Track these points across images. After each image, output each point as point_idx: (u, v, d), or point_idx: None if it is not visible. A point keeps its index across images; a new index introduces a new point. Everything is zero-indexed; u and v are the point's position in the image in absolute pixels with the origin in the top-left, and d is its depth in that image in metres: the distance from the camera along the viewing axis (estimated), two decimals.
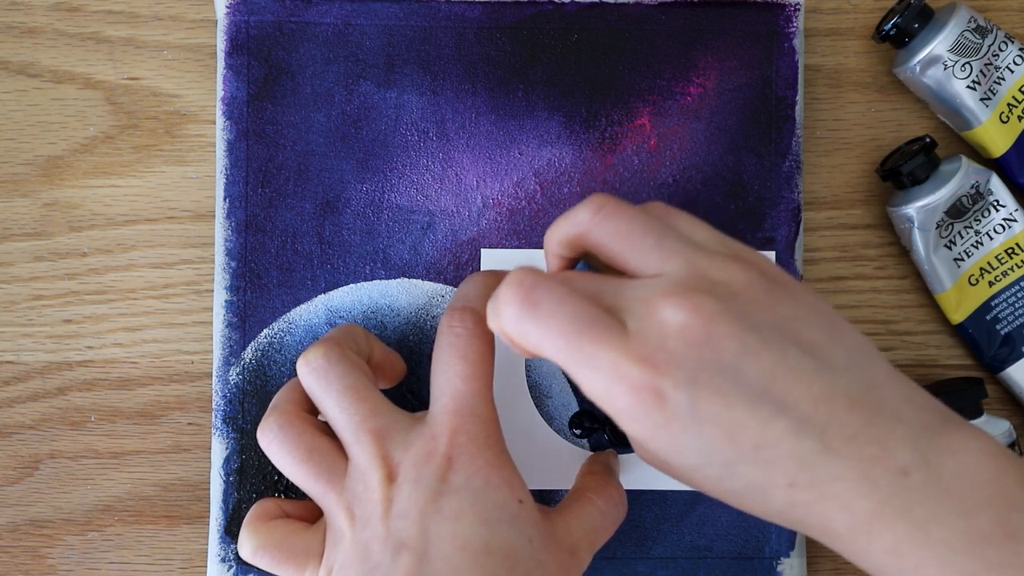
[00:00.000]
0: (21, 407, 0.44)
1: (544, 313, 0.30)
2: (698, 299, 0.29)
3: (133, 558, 0.44)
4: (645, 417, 0.29)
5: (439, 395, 0.36)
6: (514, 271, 0.31)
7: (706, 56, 0.43)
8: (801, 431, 0.29)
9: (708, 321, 0.29)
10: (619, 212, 0.32)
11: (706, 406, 0.29)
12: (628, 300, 0.30)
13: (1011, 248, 0.43)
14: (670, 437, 0.29)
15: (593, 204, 0.32)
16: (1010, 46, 0.42)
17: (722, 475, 0.30)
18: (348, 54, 0.43)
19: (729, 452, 0.29)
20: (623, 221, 0.32)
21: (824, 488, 0.29)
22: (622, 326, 0.30)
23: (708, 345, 0.29)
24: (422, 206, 0.43)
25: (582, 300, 0.30)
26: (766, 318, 0.30)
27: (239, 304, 0.43)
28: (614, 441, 0.43)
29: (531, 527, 0.34)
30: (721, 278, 0.30)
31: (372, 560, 0.33)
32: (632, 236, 0.31)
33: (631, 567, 0.43)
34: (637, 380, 0.29)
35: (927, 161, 0.43)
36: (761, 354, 0.29)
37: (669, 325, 0.29)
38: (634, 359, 0.29)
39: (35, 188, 0.45)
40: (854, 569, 0.45)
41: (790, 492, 0.29)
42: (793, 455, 0.29)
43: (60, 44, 0.45)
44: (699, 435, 0.29)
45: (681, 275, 0.30)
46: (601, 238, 0.32)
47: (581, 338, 0.29)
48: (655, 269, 0.31)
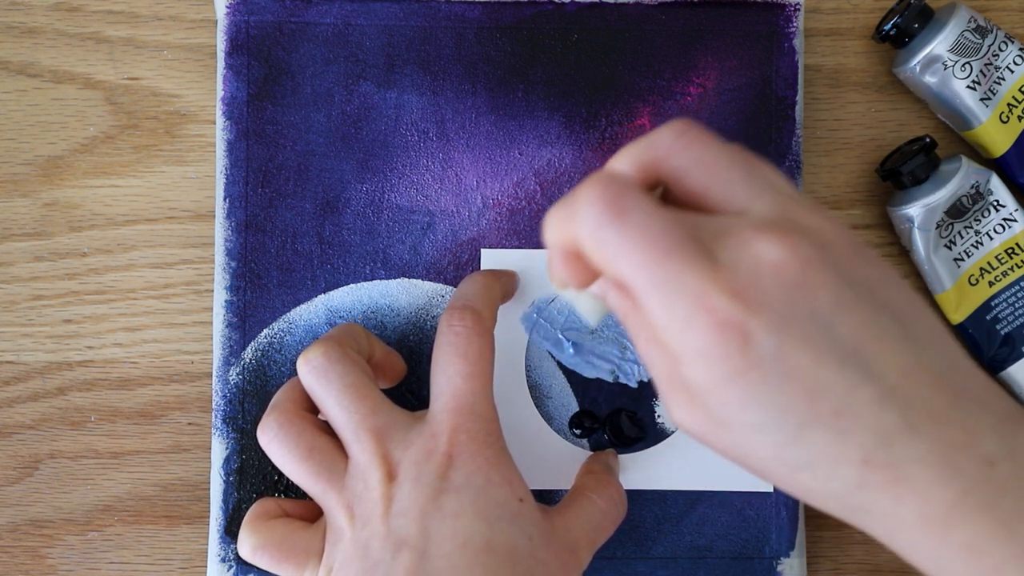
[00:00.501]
0: (21, 407, 0.44)
1: (631, 222, 0.27)
2: (796, 240, 0.27)
3: (133, 558, 0.44)
4: (723, 359, 0.26)
5: (439, 393, 0.36)
6: (597, 173, 0.28)
7: (706, 56, 0.43)
8: (886, 402, 0.26)
9: (805, 265, 0.26)
10: (704, 138, 0.29)
11: (794, 357, 0.26)
12: (716, 231, 0.27)
13: (1011, 248, 0.43)
14: (745, 387, 0.26)
15: (676, 127, 0.29)
16: (1010, 46, 0.42)
17: (788, 441, 0.27)
18: (348, 54, 0.43)
19: (805, 414, 0.26)
20: (710, 148, 0.29)
21: (901, 469, 0.26)
22: (709, 255, 0.27)
23: (803, 290, 0.26)
24: (422, 206, 0.43)
25: (672, 218, 0.27)
26: (858, 275, 0.27)
27: (239, 304, 0.43)
28: (614, 441, 0.43)
29: (531, 525, 0.34)
30: (812, 225, 0.28)
31: (372, 558, 0.33)
32: (719, 165, 0.29)
33: (631, 567, 0.43)
34: (725, 314, 0.26)
35: (927, 161, 0.43)
36: (854, 311, 0.26)
37: (764, 262, 0.26)
38: (724, 290, 0.26)
39: (35, 188, 0.45)
40: (854, 570, 0.45)
41: (861, 470, 0.26)
42: (874, 428, 0.26)
43: (60, 44, 0.45)
44: (778, 389, 0.26)
45: (772, 214, 0.28)
46: (683, 164, 0.29)
47: (669, 256, 0.26)
48: (740, 205, 0.28)
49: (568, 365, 0.43)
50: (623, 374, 0.43)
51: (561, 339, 0.43)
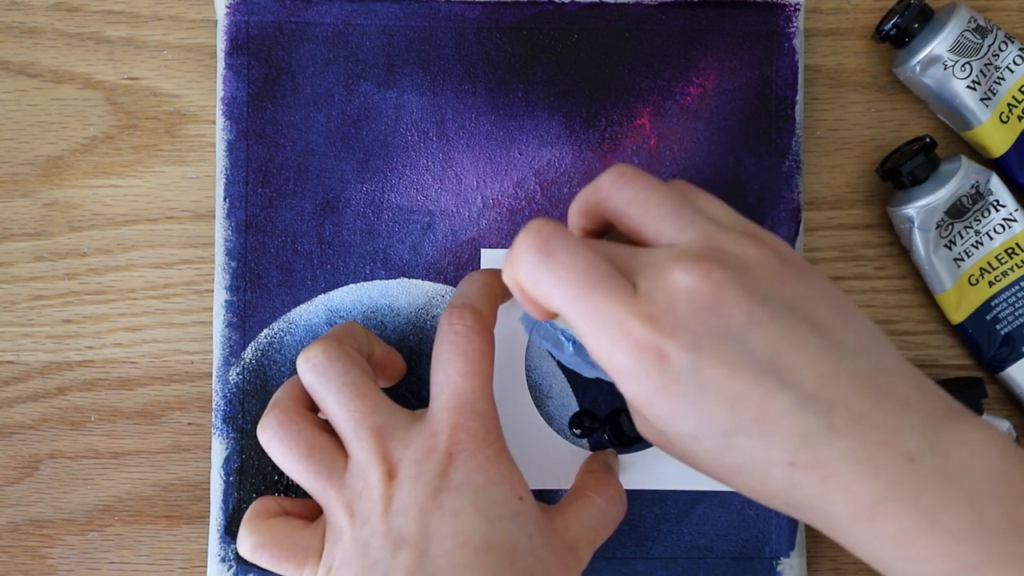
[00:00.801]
0: (21, 407, 0.44)
1: (558, 263, 0.30)
2: (709, 266, 0.29)
3: (133, 558, 0.44)
4: (646, 378, 0.29)
5: (439, 392, 0.36)
6: (533, 221, 0.31)
7: (706, 56, 0.43)
8: (804, 407, 0.28)
9: (717, 288, 0.29)
10: (638, 179, 0.32)
11: (708, 372, 0.28)
12: (641, 264, 0.30)
13: (1011, 248, 0.43)
14: (670, 401, 0.29)
15: (614, 171, 0.33)
16: (1010, 46, 0.42)
17: (720, 447, 0.29)
18: (348, 54, 0.43)
19: (729, 422, 0.29)
20: (641, 188, 0.32)
21: (826, 469, 0.28)
22: (632, 286, 0.30)
23: (715, 311, 0.29)
24: (422, 206, 0.43)
25: (596, 256, 0.30)
26: (776, 294, 0.30)
27: (239, 304, 0.43)
28: (614, 441, 0.43)
29: (531, 524, 0.34)
30: (734, 251, 0.30)
31: (372, 557, 0.33)
32: (649, 203, 0.32)
33: (631, 567, 0.42)
34: (641, 338, 0.29)
35: (927, 161, 0.43)
36: (768, 326, 0.29)
37: (678, 288, 0.29)
38: (640, 317, 0.29)
39: (35, 188, 0.45)
40: (854, 569, 0.45)
41: (790, 471, 0.29)
42: (795, 431, 0.28)
43: (60, 44, 0.45)
44: (699, 402, 0.29)
45: (695, 245, 0.30)
46: (619, 204, 0.32)
47: (591, 291, 0.29)
48: (669, 238, 0.31)
49: (568, 365, 0.43)
50: None
51: (561, 339, 0.43)
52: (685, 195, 0.32)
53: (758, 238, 0.31)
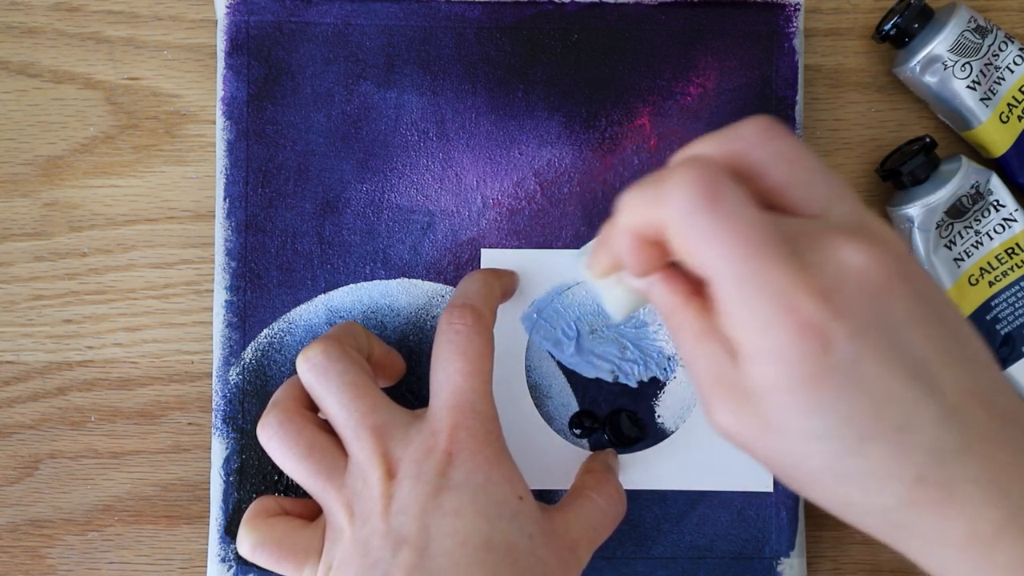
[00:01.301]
0: (21, 407, 0.44)
1: (725, 211, 0.26)
2: (880, 248, 0.26)
3: (133, 558, 0.44)
4: (799, 362, 0.26)
5: (439, 391, 0.36)
6: (687, 159, 0.27)
7: (706, 56, 0.43)
8: (947, 422, 0.26)
9: (888, 274, 0.26)
10: (791, 136, 0.29)
11: (868, 366, 0.26)
12: (802, 233, 0.27)
13: (1011, 248, 0.43)
14: (815, 393, 0.26)
15: (761, 122, 0.29)
16: (1010, 46, 0.42)
17: (846, 452, 0.26)
18: (348, 54, 0.43)
19: (869, 426, 0.26)
20: (794, 146, 0.29)
21: (953, 489, 0.26)
22: (799, 255, 0.26)
23: (883, 299, 0.26)
24: (422, 206, 0.43)
25: (764, 213, 0.27)
26: (926, 291, 0.27)
27: (239, 304, 0.43)
28: (614, 441, 0.43)
29: (531, 523, 0.34)
30: (887, 236, 0.28)
31: (372, 556, 0.33)
32: (802, 164, 0.28)
33: (631, 567, 0.42)
34: (809, 315, 0.25)
35: (927, 161, 0.43)
36: (925, 326, 0.26)
37: (850, 267, 0.26)
38: (811, 291, 0.26)
39: (35, 188, 0.45)
40: (854, 570, 0.45)
41: (913, 488, 0.26)
42: (932, 446, 0.26)
43: (60, 44, 0.45)
44: (848, 398, 0.26)
45: (851, 221, 0.28)
46: (765, 158, 0.28)
47: (759, 251, 0.26)
48: (819, 207, 0.28)
49: (568, 365, 0.43)
50: (623, 374, 0.43)
51: (561, 339, 0.43)
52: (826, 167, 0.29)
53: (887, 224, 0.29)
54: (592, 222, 0.43)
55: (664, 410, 0.43)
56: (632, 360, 0.43)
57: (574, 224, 0.43)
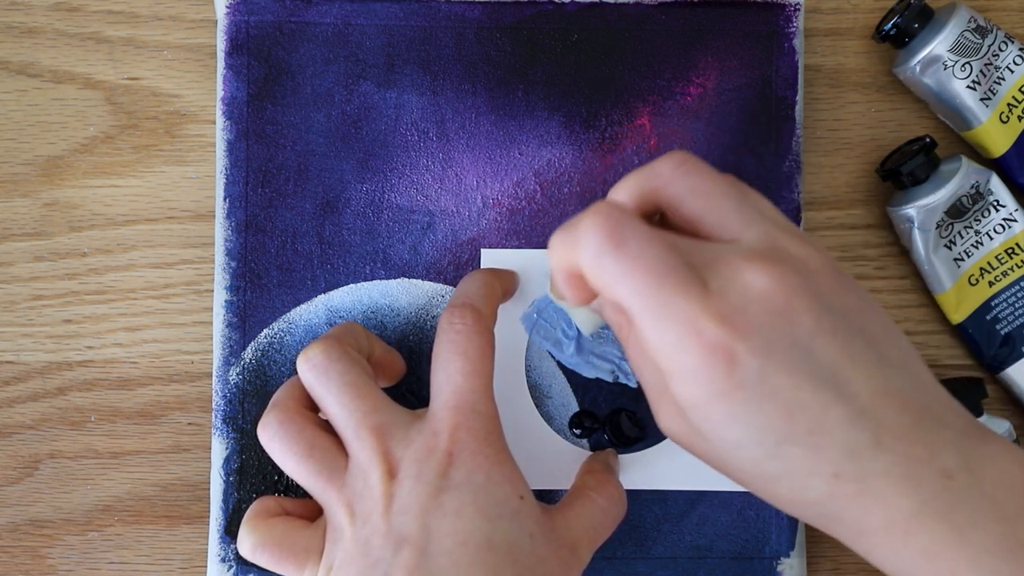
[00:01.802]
0: (21, 407, 0.44)
1: (629, 252, 0.29)
2: (782, 268, 0.29)
3: (133, 558, 0.44)
4: (710, 379, 0.28)
5: (439, 391, 0.36)
6: (597, 204, 0.30)
7: (706, 56, 0.43)
8: (857, 422, 0.28)
9: (790, 292, 0.29)
10: (701, 168, 0.31)
11: (774, 379, 0.28)
12: (708, 259, 0.29)
13: (1011, 248, 0.43)
14: (728, 405, 0.28)
15: (675, 158, 0.32)
16: (1010, 46, 0.42)
17: (766, 456, 0.29)
18: (348, 54, 0.43)
19: (783, 431, 0.28)
20: (706, 179, 0.31)
21: (868, 483, 0.29)
22: (702, 281, 0.29)
23: (787, 316, 0.28)
24: (422, 206, 0.43)
25: (668, 247, 0.29)
26: (836, 303, 0.29)
27: (239, 304, 0.43)
28: (614, 441, 0.43)
29: (532, 523, 0.34)
30: (798, 254, 0.30)
31: (373, 556, 0.33)
32: (713, 195, 0.31)
33: (631, 567, 0.42)
34: (713, 338, 0.28)
35: (927, 161, 0.43)
36: (832, 337, 0.29)
37: (752, 289, 0.28)
38: (713, 316, 0.28)
39: (35, 188, 0.45)
40: (854, 569, 0.45)
41: (832, 483, 0.29)
42: (845, 444, 0.28)
43: (60, 44, 0.45)
44: (758, 408, 0.28)
45: (760, 244, 0.30)
46: (680, 193, 0.31)
47: (662, 285, 0.28)
48: (732, 234, 0.30)
49: (568, 365, 0.43)
50: (623, 374, 0.43)
51: (561, 339, 0.43)
52: (741, 189, 0.32)
53: (809, 242, 0.31)
54: None
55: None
56: None
57: None
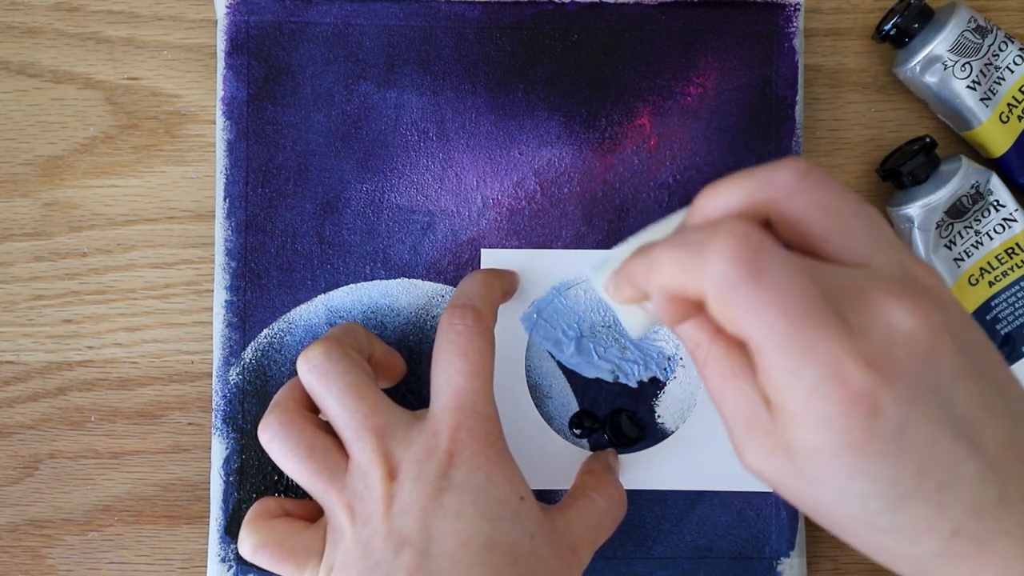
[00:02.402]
0: (21, 407, 0.44)
1: (767, 283, 0.26)
2: (928, 307, 0.26)
3: (133, 558, 0.44)
4: (848, 428, 0.25)
5: (440, 392, 0.36)
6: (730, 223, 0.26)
7: (706, 56, 0.43)
8: (987, 478, 0.26)
9: (935, 334, 0.26)
10: (829, 182, 0.28)
11: (915, 431, 0.25)
12: (843, 288, 0.26)
13: (1011, 248, 0.43)
14: (859, 457, 0.26)
15: (796, 168, 0.28)
16: (1010, 46, 0.42)
17: (884, 508, 0.26)
18: (348, 54, 0.43)
19: (911, 485, 0.26)
20: (833, 194, 0.28)
21: (987, 542, 0.26)
22: (843, 318, 0.26)
23: (932, 360, 0.26)
24: (422, 206, 0.43)
25: (809, 278, 0.26)
26: (969, 341, 0.27)
27: (239, 304, 0.43)
28: (614, 441, 0.43)
29: (533, 523, 0.34)
30: (930, 284, 0.27)
31: (373, 557, 0.33)
32: (841, 212, 0.28)
33: (631, 567, 0.43)
34: (858, 385, 0.25)
35: (927, 161, 0.43)
36: (969, 382, 0.26)
37: (898, 330, 0.26)
38: (860, 360, 0.25)
39: (35, 188, 0.45)
40: (854, 570, 0.45)
41: (949, 541, 0.26)
42: (971, 502, 0.26)
43: (60, 44, 0.45)
44: (893, 461, 0.26)
45: (894, 272, 0.27)
46: (803, 208, 0.28)
47: (806, 322, 0.25)
48: (860, 258, 0.27)
49: (568, 365, 0.43)
50: (623, 374, 0.43)
51: (561, 339, 0.43)
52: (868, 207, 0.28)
53: (933, 269, 0.28)
54: (592, 222, 0.43)
55: (664, 410, 0.43)
56: (632, 360, 0.43)
57: (574, 224, 0.43)
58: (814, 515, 0.28)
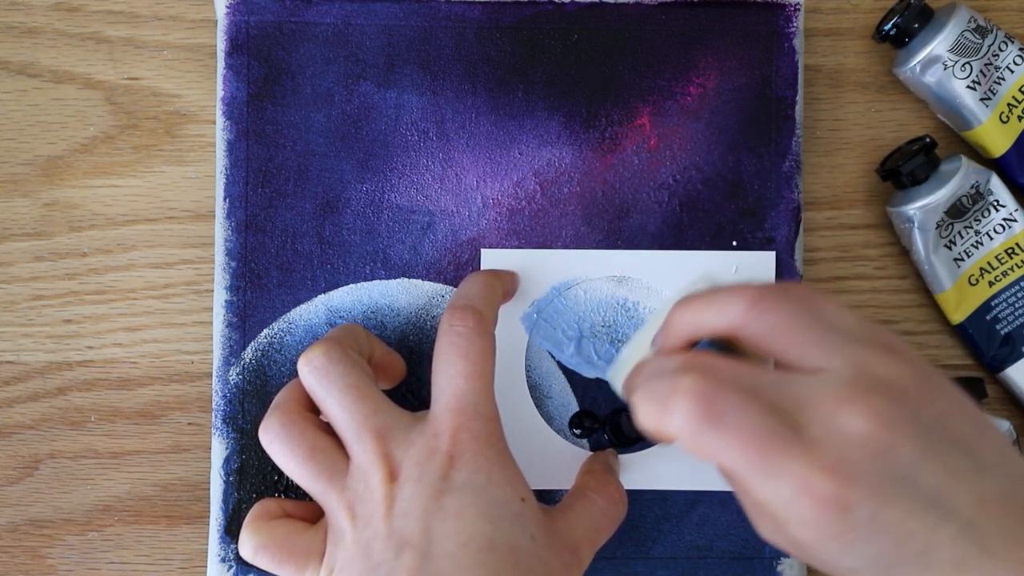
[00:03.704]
0: (21, 407, 0.44)
1: (727, 427, 0.29)
2: (877, 404, 0.29)
3: (133, 558, 0.44)
4: (824, 526, 0.29)
5: (440, 393, 0.36)
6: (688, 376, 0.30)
7: (706, 56, 0.43)
8: (964, 536, 0.28)
9: (890, 429, 0.28)
10: (777, 305, 0.31)
11: (886, 515, 0.28)
12: (799, 402, 0.29)
13: (1011, 248, 0.43)
14: (842, 544, 0.29)
15: (747, 297, 0.31)
16: (1010, 46, 0.42)
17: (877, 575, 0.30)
18: (348, 54, 0.43)
19: (894, 557, 0.29)
20: (783, 315, 0.31)
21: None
22: (798, 433, 0.29)
23: (889, 454, 0.28)
24: (422, 206, 0.43)
25: (762, 409, 0.29)
26: (929, 417, 0.29)
27: (239, 304, 0.43)
28: (614, 441, 0.43)
29: (533, 525, 0.34)
30: (885, 375, 0.30)
31: (374, 559, 0.33)
32: (792, 331, 0.31)
33: (631, 567, 0.43)
34: (825, 493, 0.28)
35: (927, 161, 0.43)
36: (932, 459, 0.29)
37: (852, 435, 0.28)
38: (821, 472, 0.28)
39: (35, 188, 0.45)
40: None
41: None
42: (953, 559, 0.28)
43: (60, 44, 0.45)
44: (872, 542, 0.29)
45: (847, 373, 0.29)
46: (758, 333, 0.31)
47: (765, 451, 0.29)
48: (816, 364, 0.30)
49: (568, 365, 0.43)
50: None
51: (561, 339, 0.43)
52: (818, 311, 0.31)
53: (895, 350, 0.30)
54: (592, 222, 0.43)
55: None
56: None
57: (574, 224, 0.43)
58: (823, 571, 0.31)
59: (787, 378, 0.30)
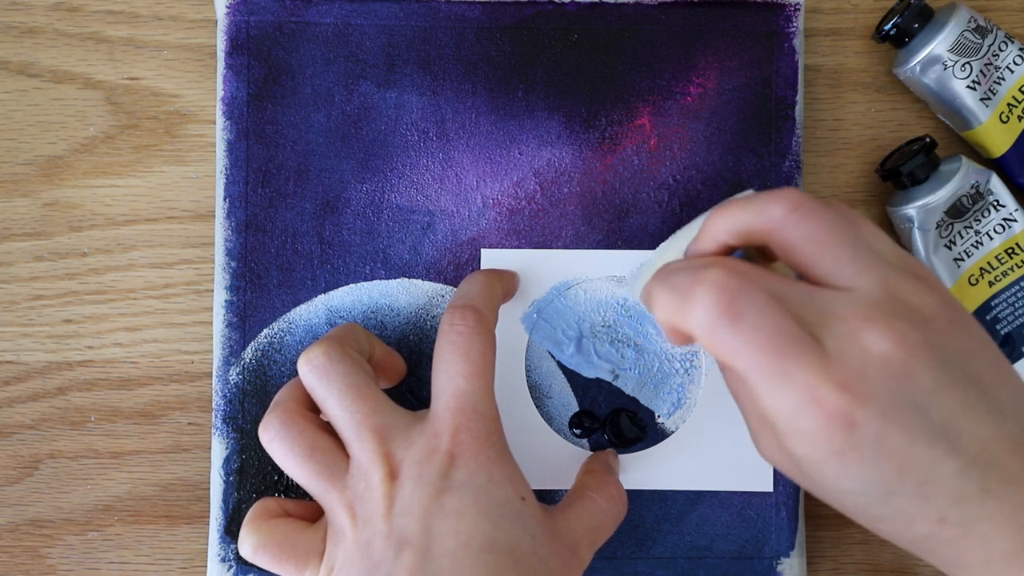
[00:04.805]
0: (21, 407, 0.44)
1: (746, 326, 0.29)
2: (902, 328, 0.29)
3: (133, 558, 0.44)
4: (827, 442, 0.28)
5: (440, 393, 0.36)
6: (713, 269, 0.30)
7: (706, 56, 0.43)
8: (967, 473, 0.28)
9: (910, 354, 0.28)
10: (817, 214, 0.31)
11: (891, 439, 0.28)
12: (822, 314, 0.29)
13: (1011, 248, 0.43)
14: (842, 464, 0.29)
15: (789, 200, 0.31)
16: (1010, 46, 0.42)
17: (875, 503, 0.30)
18: (348, 54, 0.43)
19: (894, 484, 0.29)
20: (821, 225, 0.31)
21: (971, 527, 0.29)
22: (819, 344, 0.29)
23: (906, 378, 0.28)
24: (422, 206, 0.43)
25: (783, 313, 0.29)
26: (952, 351, 0.29)
27: (239, 304, 0.43)
28: (614, 441, 0.43)
29: (534, 524, 0.34)
30: (913, 302, 0.29)
31: (374, 558, 0.33)
32: (828, 242, 0.30)
33: (631, 567, 0.43)
34: (832, 406, 0.28)
35: (927, 161, 0.43)
36: (948, 392, 0.29)
37: (871, 354, 0.28)
38: (833, 384, 0.28)
39: (35, 188, 0.45)
40: (854, 570, 0.45)
41: (936, 526, 0.29)
42: (953, 494, 0.29)
43: (60, 44, 0.45)
44: (873, 466, 0.28)
45: (876, 295, 0.29)
46: (793, 239, 0.31)
47: (781, 355, 0.28)
48: (845, 281, 0.30)
49: (568, 365, 0.43)
50: (623, 374, 0.43)
51: (561, 339, 0.43)
52: (856, 228, 0.31)
53: (925, 280, 0.30)
54: (592, 222, 0.43)
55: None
56: (628, 369, 0.43)
57: (574, 224, 0.43)
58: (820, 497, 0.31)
59: (814, 290, 0.30)
